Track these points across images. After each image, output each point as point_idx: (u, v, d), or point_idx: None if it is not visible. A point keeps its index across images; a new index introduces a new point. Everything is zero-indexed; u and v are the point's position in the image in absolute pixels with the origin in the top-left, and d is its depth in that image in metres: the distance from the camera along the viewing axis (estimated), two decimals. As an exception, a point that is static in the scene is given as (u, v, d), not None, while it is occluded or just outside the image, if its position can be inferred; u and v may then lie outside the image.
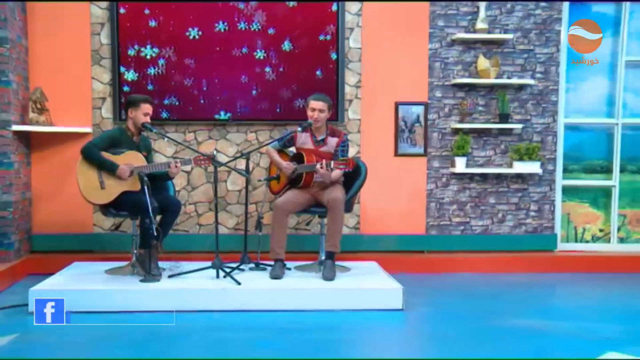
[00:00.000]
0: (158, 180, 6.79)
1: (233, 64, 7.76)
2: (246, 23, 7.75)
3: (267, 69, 7.77)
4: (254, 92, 7.76)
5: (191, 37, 7.72)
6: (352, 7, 7.93)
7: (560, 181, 8.46)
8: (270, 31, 7.76)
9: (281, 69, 7.79)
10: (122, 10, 7.61)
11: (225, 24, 7.75)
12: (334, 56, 7.78)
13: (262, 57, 7.78)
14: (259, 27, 7.76)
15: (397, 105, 8.08)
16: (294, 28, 7.78)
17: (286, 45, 7.78)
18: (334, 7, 7.79)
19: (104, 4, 7.66)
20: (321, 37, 7.80)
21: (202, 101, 7.72)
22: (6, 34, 7.09)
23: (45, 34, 7.68)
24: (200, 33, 7.73)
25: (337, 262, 6.96)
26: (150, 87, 7.57)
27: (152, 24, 7.67)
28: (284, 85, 7.79)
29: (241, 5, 7.73)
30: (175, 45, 7.72)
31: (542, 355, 5.03)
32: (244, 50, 7.77)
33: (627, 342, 5.36)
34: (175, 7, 7.66)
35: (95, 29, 7.70)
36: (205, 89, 7.73)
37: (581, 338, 5.47)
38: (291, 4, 7.75)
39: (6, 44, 7.10)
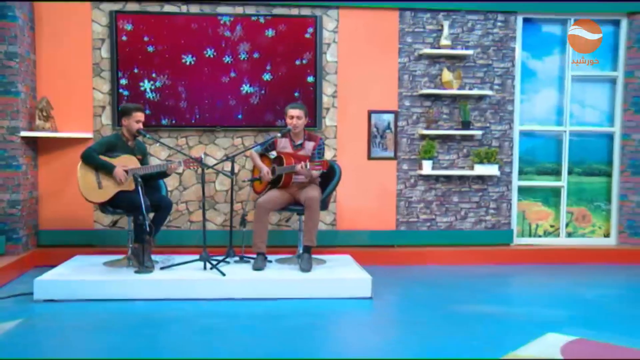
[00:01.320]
0: (154, 179, 6.85)
1: (222, 88, 7.76)
2: (231, 55, 7.74)
3: (252, 90, 7.78)
4: (239, 116, 7.76)
5: (183, 62, 7.69)
6: (329, 24, 7.95)
7: (516, 182, 8.51)
8: (255, 55, 7.75)
9: (263, 92, 7.78)
10: (124, 38, 7.59)
11: (215, 52, 7.73)
12: (310, 79, 7.77)
13: (247, 82, 7.77)
14: (246, 56, 7.75)
15: (369, 113, 8.10)
16: (275, 55, 7.78)
17: (267, 75, 7.76)
18: (307, 35, 7.79)
19: (105, 22, 7.65)
20: (297, 62, 7.79)
21: (193, 121, 7.73)
22: (16, 49, 7.11)
23: (51, 49, 7.66)
24: (194, 59, 7.71)
25: (314, 255, 6.99)
26: (148, 111, 7.50)
27: (150, 49, 7.64)
28: (266, 107, 7.78)
29: (227, 33, 7.71)
30: (171, 69, 7.69)
31: (494, 337, 5.09)
32: (232, 74, 7.75)
33: (568, 324, 5.45)
34: (167, 33, 7.63)
35: (97, 44, 7.68)
36: (197, 114, 7.72)
37: (529, 321, 5.54)
38: (270, 32, 7.75)
39: (16, 58, 7.11)
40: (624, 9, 8.48)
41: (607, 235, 8.78)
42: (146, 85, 7.63)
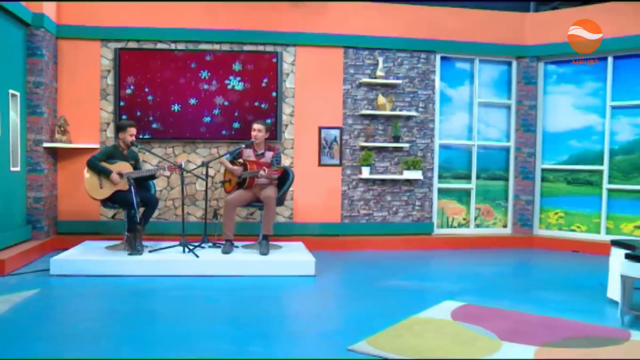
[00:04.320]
0: (145, 182, 7.04)
1: (201, 133, 8.01)
2: (208, 106, 7.98)
3: (225, 133, 8.05)
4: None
5: (173, 110, 7.95)
6: (288, 58, 8.19)
7: (436, 184, 8.73)
8: (226, 103, 7.99)
9: (233, 132, 8.03)
10: (128, 91, 7.87)
11: (196, 100, 7.96)
12: (268, 121, 7.86)
13: (220, 123, 8.02)
14: (219, 111, 7.99)
15: (320, 129, 8.32)
16: (243, 104, 8.04)
17: (236, 124, 8.03)
18: (263, 84, 8.06)
19: (110, 56, 7.88)
20: (255, 104, 8.04)
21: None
22: (42, 79, 7.37)
23: (69, 78, 7.88)
24: (180, 108, 7.95)
25: (273, 242, 7.19)
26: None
27: (150, 97, 7.89)
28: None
29: (205, 86, 7.95)
30: (163, 115, 7.94)
31: (405, 304, 5.29)
32: (207, 120, 8.00)
33: (463, 293, 5.78)
34: (161, 82, 7.87)
35: (104, 74, 7.90)
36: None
37: (434, 292, 5.82)
38: (239, 86, 8.00)
39: (41, 86, 7.37)
40: (513, 53, 8.87)
41: (505, 226, 9.08)
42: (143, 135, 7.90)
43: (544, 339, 4.34)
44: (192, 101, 8.00)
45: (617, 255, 5.31)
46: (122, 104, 7.89)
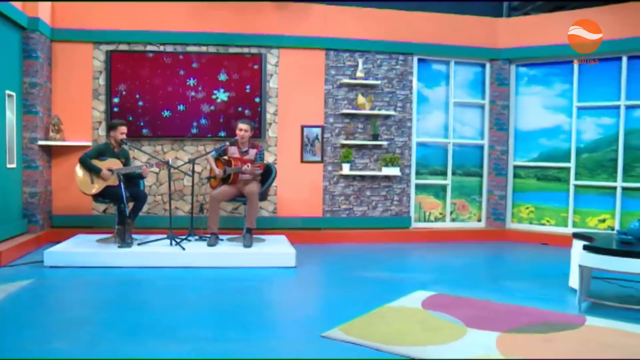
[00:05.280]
0: (135, 179, 7.07)
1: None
2: (195, 113, 8.06)
3: (211, 137, 8.13)
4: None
5: (164, 115, 8.04)
6: (272, 60, 8.27)
7: (413, 180, 8.83)
8: (212, 108, 8.08)
9: (219, 137, 8.10)
10: (116, 100, 7.92)
11: (185, 106, 8.04)
12: (254, 124, 7.76)
13: (207, 129, 8.10)
14: (207, 119, 8.07)
15: (302, 127, 8.39)
16: (228, 110, 8.11)
17: (222, 133, 8.10)
18: (247, 90, 8.12)
19: (102, 58, 7.95)
20: (239, 109, 8.10)
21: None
22: (37, 80, 7.44)
23: (63, 79, 7.94)
24: (170, 113, 8.03)
25: (256, 236, 7.29)
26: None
27: (140, 103, 7.97)
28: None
29: (193, 93, 8.03)
30: (154, 121, 8.00)
31: (379, 294, 5.38)
32: (195, 130, 8.09)
33: (435, 284, 5.87)
34: (150, 87, 7.95)
35: (96, 74, 7.97)
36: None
37: (407, 283, 5.91)
38: (224, 96, 8.08)
39: (36, 87, 7.43)
40: (487, 56, 9.00)
41: (479, 220, 9.20)
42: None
43: (506, 325, 4.47)
44: (181, 107, 8.06)
45: (578, 247, 5.45)
46: (115, 109, 7.94)
